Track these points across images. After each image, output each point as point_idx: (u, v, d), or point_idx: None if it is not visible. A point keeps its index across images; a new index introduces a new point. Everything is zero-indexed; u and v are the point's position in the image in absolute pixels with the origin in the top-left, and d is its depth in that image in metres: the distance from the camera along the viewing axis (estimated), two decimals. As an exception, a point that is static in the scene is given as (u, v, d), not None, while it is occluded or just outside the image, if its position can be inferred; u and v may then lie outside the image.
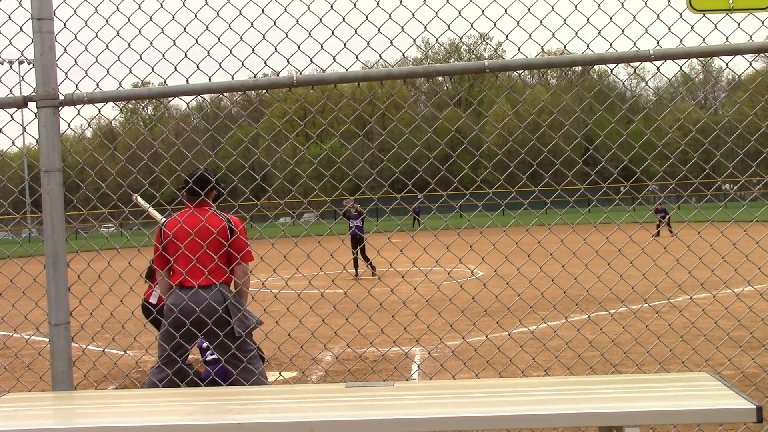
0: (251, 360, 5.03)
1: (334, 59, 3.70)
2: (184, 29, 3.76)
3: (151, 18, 3.75)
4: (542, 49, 3.81)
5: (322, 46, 3.71)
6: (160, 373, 4.98)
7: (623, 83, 4.16)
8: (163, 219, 5.58)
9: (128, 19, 3.77)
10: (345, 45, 3.67)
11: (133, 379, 7.40)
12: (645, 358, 4.96)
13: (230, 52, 3.72)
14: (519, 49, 3.69)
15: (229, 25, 3.71)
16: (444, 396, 3.02)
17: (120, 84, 3.79)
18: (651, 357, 4.99)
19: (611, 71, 3.82)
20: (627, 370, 6.17)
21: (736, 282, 4.90)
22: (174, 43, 3.74)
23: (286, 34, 3.68)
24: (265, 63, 3.80)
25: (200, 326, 4.75)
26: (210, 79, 3.67)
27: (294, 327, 4.79)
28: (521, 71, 3.75)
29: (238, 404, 3.01)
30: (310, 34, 3.68)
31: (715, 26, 3.67)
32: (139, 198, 6.90)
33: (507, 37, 3.79)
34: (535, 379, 3.88)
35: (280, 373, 5.05)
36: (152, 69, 3.81)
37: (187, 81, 3.69)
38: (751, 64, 3.74)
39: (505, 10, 3.69)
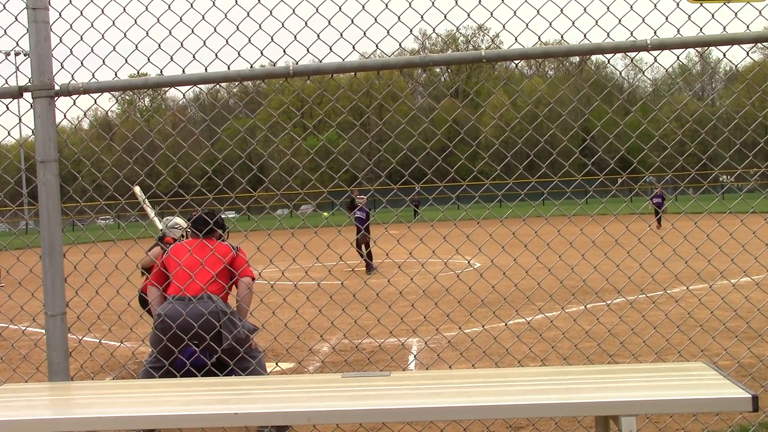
0: (257, 367, 5.06)
1: (330, 49, 3.68)
2: (180, 19, 3.74)
3: (146, 8, 3.73)
4: (539, 39, 3.80)
5: (318, 36, 3.70)
6: (156, 363, 4.99)
7: (620, 73, 4.16)
8: (154, 213, 5.61)
9: (124, 9, 3.75)
10: (341, 35, 3.66)
11: (129, 370, 7.40)
12: (641, 348, 4.98)
13: (226, 42, 3.70)
14: (516, 39, 3.68)
15: (225, 15, 3.68)
16: (440, 386, 3.02)
17: (116, 74, 3.78)
18: (647, 347, 5.01)
19: (608, 61, 3.81)
20: (623, 361, 6.18)
21: (733, 272, 4.90)
22: (170, 33, 3.72)
23: (282, 24, 3.66)
24: (261, 53, 3.78)
25: (187, 333, 4.76)
26: (206, 69, 3.66)
27: (290, 318, 4.79)
28: (518, 61, 3.74)
29: (235, 394, 3.02)
30: (306, 24, 3.67)
31: (712, 16, 3.66)
32: (137, 189, 6.88)
33: (504, 26, 3.78)
34: (532, 369, 3.89)
35: (276, 364, 5.05)
36: (148, 59, 3.79)
37: (183, 71, 3.68)
38: (748, 53, 3.74)
39: (502, 0, 3.67)
